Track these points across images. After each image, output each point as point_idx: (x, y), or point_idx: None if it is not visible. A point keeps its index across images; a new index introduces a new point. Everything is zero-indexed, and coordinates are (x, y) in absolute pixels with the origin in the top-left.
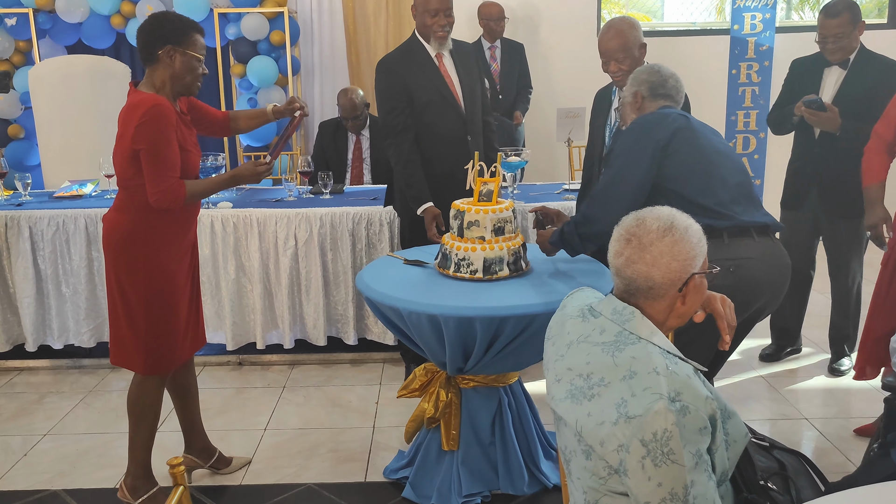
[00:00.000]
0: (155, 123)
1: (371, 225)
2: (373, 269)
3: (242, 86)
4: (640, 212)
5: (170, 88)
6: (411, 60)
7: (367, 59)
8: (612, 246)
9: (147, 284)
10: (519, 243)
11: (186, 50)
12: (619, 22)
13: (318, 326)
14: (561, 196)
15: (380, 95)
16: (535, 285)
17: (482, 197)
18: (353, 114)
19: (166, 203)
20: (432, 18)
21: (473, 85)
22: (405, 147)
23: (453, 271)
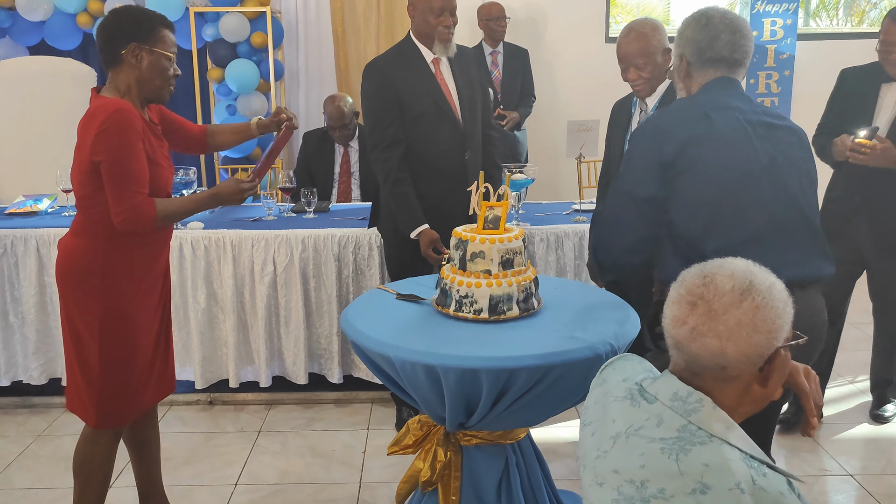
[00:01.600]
0: (118, 131)
1: (359, 248)
2: (360, 305)
3: (220, 91)
4: (707, 266)
5: (136, 93)
6: (404, 64)
7: (356, 64)
8: (670, 310)
9: (103, 325)
10: (530, 278)
11: (154, 48)
12: (641, 24)
13: (298, 362)
14: (571, 218)
15: (366, 102)
16: (550, 328)
17: (488, 223)
18: (341, 123)
19: (132, 225)
20: (437, 18)
21: (473, 95)
22: (394, 163)
23: (454, 310)
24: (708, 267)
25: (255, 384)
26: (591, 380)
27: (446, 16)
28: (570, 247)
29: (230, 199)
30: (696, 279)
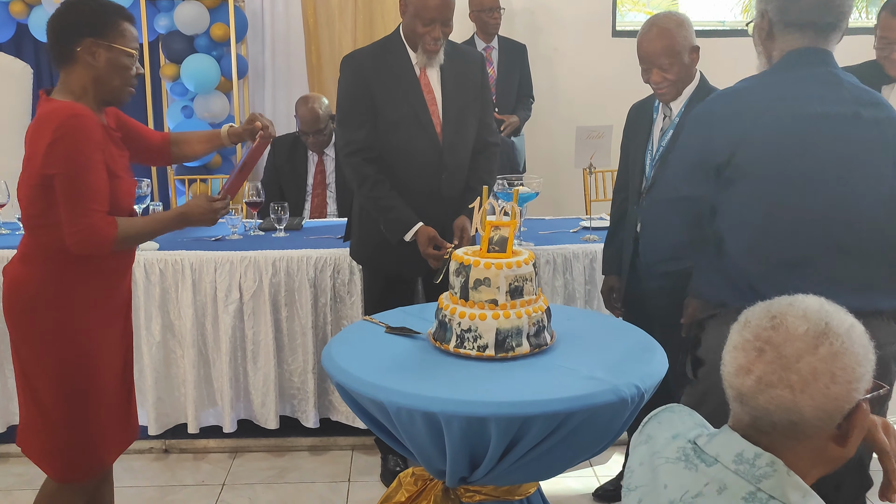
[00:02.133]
0: (73, 139)
1: (338, 272)
2: (344, 340)
3: (175, 91)
4: (774, 305)
5: (93, 95)
6: (385, 62)
7: (330, 61)
8: (732, 356)
9: (60, 364)
10: (542, 308)
11: (113, 43)
12: (664, 19)
13: (267, 404)
14: (579, 236)
15: (339, 98)
16: (566, 367)
17: (492, 246)
18: (315, 127)
19: (89, 247)
20: (424, 27)
21: (464, 107)
22: (369, 167)
23: (455, 346)
24: (776, 306)
25: (218, 429)
26: (614, 427)
27: (436, 27)
28: (580, 270)
29: (200, 220)
30: (762, 321)
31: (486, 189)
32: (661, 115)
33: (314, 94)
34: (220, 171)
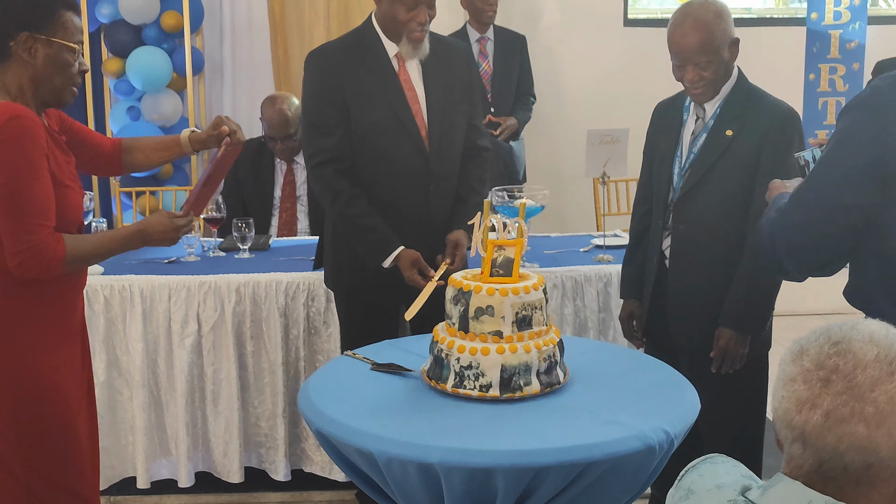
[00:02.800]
0: (14, 145)
1: (313, 299)
2: (323, 379)
3: (119, 89)
4: (832, 331)
5: (31, 96)
6: (357, 57)
7: (298, 55)
8: (789, 390)
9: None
10: (554, 341)
11: (52, 38)
12: (701, 9)
13: (230, 454)
14: (591, 256)
15: (305, 100)
16: (583, 409)
17: (496, 269)
18: (285, 132)
19: (35, 269)
20: (408, 12)
21: (449, 105)
22: (342, 180)
23: (453, 386)
24: (835, 331)
25: (173, 483)
26: (640, 479)
27: (422, 10)
28: (593, 295)
29: (160, 239)
30: (823, 347)
31: (487, 203)
32: (692, 116)
33: (282, 94)
34: (171, 182)
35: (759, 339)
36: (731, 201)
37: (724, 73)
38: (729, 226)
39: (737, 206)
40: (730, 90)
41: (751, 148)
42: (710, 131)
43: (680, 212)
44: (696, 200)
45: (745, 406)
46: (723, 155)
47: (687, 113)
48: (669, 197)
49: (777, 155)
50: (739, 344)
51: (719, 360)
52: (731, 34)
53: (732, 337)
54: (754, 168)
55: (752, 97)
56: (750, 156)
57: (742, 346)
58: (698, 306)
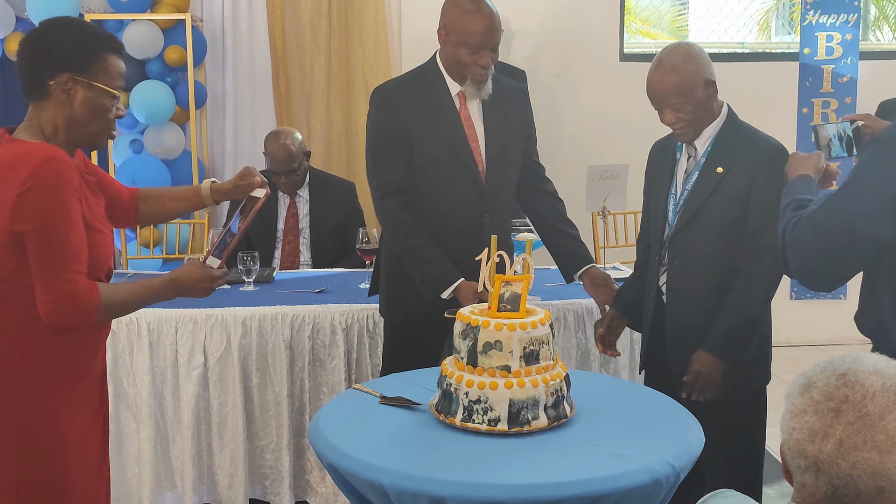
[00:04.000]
0: (49, 189)
1: (318, 332)
2: (333, 412)
3: (123, 123)
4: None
5: (65, 137)
6: (420, 94)
7: (299, 88)
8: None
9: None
10: (561, 375)
11: (94, 81)
12: (670, 54)
13: (235, 486)
14: None
15: (371, 135)
16: (589, 443)
17: (503, 304)
18: (289, 167)
19: (67, 318)
20: (471, 56)
21: (508, 144)
22: (406, 212)
23: (462, 420)
24: (840, 364)
25: None
26: None
27: (485, 54)
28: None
29: (193, 290)
30: (830, 379)
31: (494, 239)
32: (684, 154)
33: (286, 129)
34: None
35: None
36: (724, 236)
37: (702, 113)
38: (722, 260)
39: (729, 241)
40: (719, 129)
41: (741, 184)
42: (702, 169)
43: (675, 248)
44: (689, 236)
45: (744, 438)
46: (714, 192)
47: (680, 152)
48: (665, 233)
49: (767, 190)
50: (713, 369)
51: (690, 385)
52: (703, 75)
53: (707, 361)
54: (745, 204)
55: (741, 134)
56: (740, 192)
57: (716, 371)
58: (695, 340)
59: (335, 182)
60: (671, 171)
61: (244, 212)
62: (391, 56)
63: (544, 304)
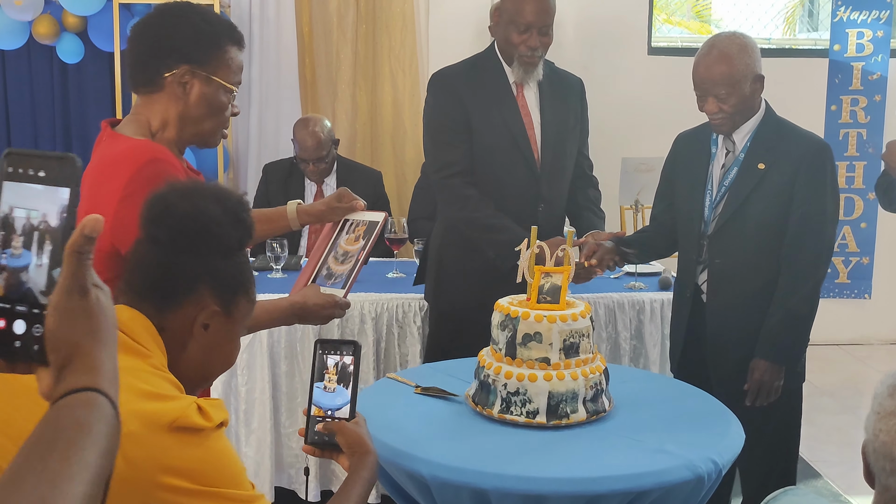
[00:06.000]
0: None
1: (347, 319)
2: (367, 400)
3: None
4: None
5: (175, 134)
6: (479, 80)
7: (325, 76)
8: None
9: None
10: (601, 369)
11: (213, 76)
12: (726, 41)
13: (261, 474)
14: (622, 283)
15: (430, 118)
16: (631, 438)
17: (543, 295)
18: (317, 154)
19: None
20: (520, 35)
21: (564, 133)
22: (470, 189)
23: (499, 411)
24: None
25: None
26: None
27: (533, 35)
28: (625, 323)
29: (317, 317)
30: None
31: (534, 229)
32: (721, 149)
33: (315, 116)
34: None
35: (795, 370)
36: (766, 234)
37: (745, 108)
38: (764, 258)
39: (772, 239)
40: (758, 123)
41: (784, 180)
42: (742, 164)
43: (715, 245)
44: (731, 234)
45: (779, 438)
46: (756, 188)
47: (716, 146)
48: (701, 230)
49: (811, 187)
50: (774, 376)
51: (754, 393)
52: (754, 69)
53: (767, 368)
54: (788, 200)
55: (782, 130)
56: (783, 188)
57: (777, 377)
58: (736, 339)
59: (362, 170)
60: (706, 165)
61: (366, 237)
62: (418, 46)
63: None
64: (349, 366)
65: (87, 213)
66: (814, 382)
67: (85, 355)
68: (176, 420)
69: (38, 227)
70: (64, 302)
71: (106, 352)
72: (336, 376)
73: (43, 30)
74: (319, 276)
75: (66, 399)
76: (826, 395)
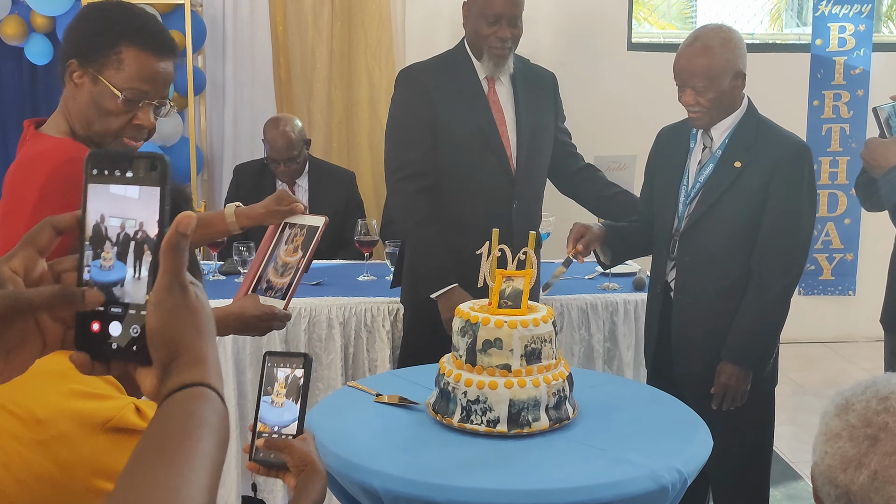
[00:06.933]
0: (66, 195)
1: (315, 325)
2: (325, 411)
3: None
4: (879, 384)
5: (84, 133)
6: (448, 76)
7: (301, 75)
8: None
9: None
10: (564, 375)
11: (98, 74)
12: (709, 34)
13: (227, 483)
14: (596, 284)
15: (392, 116)
16: (593, 447)
17: (504, 300)
18: (288, 154)
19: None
20: (490, 27)
21: (539, 129)
22: (421, 200)
23: (459, 420)
24: (883, 385)
25: None
26: None
27: (503, 26)
28: (598, 325)
29: (256, 328)
30: (870, 402)
31: (496, 232)
32: (699, 145)
33: (286, 116)
34: None
35: (763, 375)
36: (738, 234)
37: (723, 104)
38: (734, 259)
39: (743, 239)
40: (738, 121)
41: (760, 181)
42: (718, 162)
43: (685, 243)
44: (702, 232)
45: (751, 442)
46: (731, 187)
47: (694, 141)
48: (674, 226)
49: (787, 188)
50: (741, 380)
51: (720, 397)
52: (735, 65)
53: (734, 373)
54: (763, 201)
55: (761, 129)
56: (759, 188)
57: (744, 382)
58: (703, 340)
59: (335, 171)
60: (683, 160)
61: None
62: (394, 43)
63: (547, 299)
64: (300, 379)
65: (4, 216)
66: (798, 381)
67: (191, 350)
68: (111, 420)
69: (134, 236)
70: (166, 299)
71: (210, 346)
72: (285, 390)
73: (10, 30)
74: (259, 287)
75: (178, 394)
76: (810, 394)
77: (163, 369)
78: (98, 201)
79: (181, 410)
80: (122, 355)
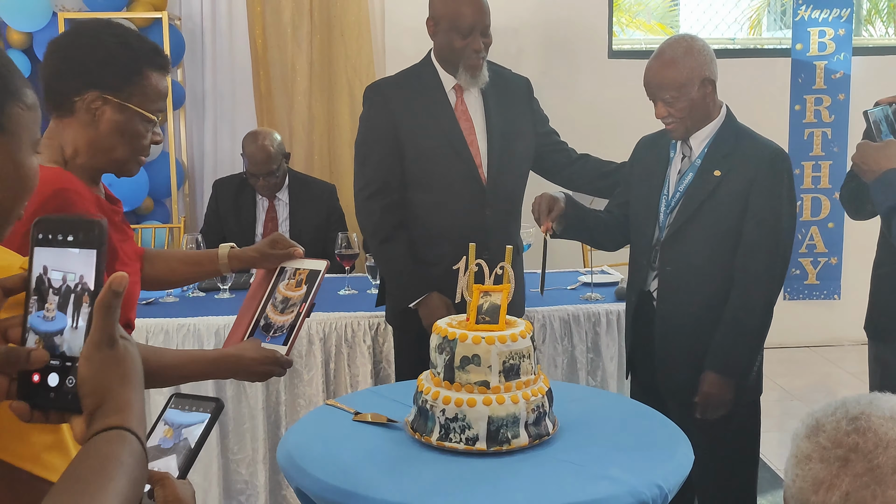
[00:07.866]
0: None
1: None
2: (303, 431)
3: None
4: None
5: (87, 161)
6: (414, 90)
7: (281, 88)
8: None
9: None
10: (543, 391)
11: (127, 103)
12: (671, 45)
13: (209, 501)
14: (579, 295)
15: (361, 133)
16: (572, 463)
17: (482, 316)
18: (267, 169)
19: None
20: (463, 40)
21: (512, 136)
22: (385, 218)
23: (438, 438)
24: (853, 406)
25: None
26: None
27: (476, 37)
28: (581, 336)
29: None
30: (840, 423)
31: (472, 247)
32: (679, 154)
33: (264, 130)
34: (151, 217)
35: (746, 384)
36: (720, 242)
37: (696, 113)
38: (716, 267)
39: (725, 247)
40: (717, 129)
41: (740, 188)
42: (698, 171)
43: (667, 252)
44: (683, 241)
45: (737, 451)
46: (711, 195)
47: (674, 151)
48: (655, 236)
49: (767, 196)
50: (724, 389)
51: (703, 406)
52: (701, 72)
53: (717, 382)
54: (743, 209)
55: (740, 137)
56: (739, 196)
57: (727, 391)
58: (686, 349)
59: (315, 184)
60: (663, 170)
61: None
62: (374, 54)
63: (530, 311)
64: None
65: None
66: (784, 386)
67: (115, 399)
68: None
69: (74, 289)
70: (96, 353)
71: (134, 394)
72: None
73: None
74: (257, 328)
75: (98, 436)
76: (797, 399)
77: (90, 415)
78: (42, 258)
79: (98, 451)
80: (58, 404)
